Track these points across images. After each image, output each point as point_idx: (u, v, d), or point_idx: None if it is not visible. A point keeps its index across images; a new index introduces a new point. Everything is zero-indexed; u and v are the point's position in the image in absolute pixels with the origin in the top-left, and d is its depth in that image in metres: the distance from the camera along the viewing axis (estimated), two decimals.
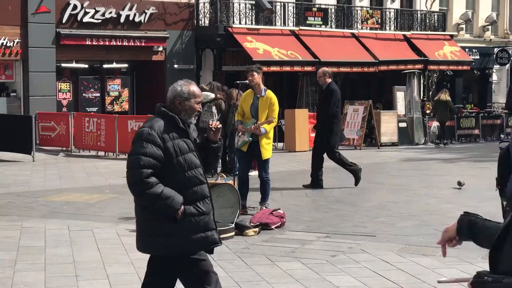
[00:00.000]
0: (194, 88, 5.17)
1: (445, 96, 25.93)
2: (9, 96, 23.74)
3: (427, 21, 32.74)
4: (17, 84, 23.71)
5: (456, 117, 28.46)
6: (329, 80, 13.62)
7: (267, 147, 10.69)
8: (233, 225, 9.16)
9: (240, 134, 10.71)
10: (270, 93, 10.78)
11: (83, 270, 7.32)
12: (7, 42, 22.80)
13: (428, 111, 28.77)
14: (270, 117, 10.60)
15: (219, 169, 15.19)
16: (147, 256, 8.00)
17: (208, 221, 5.06)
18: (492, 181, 14.98)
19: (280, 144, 23.15)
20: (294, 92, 29.38)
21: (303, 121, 22.78)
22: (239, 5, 26.68)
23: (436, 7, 34.16)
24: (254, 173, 12.73)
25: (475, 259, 7.91)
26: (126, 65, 26.45)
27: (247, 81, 10.73)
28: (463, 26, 35.82)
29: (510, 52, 36.94)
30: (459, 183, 14.05)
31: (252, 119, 10.61)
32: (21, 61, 23.38)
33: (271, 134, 10.80)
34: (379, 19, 30.99)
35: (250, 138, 10.60)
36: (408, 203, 11.97)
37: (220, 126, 5.43)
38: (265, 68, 22.82)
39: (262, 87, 10.78)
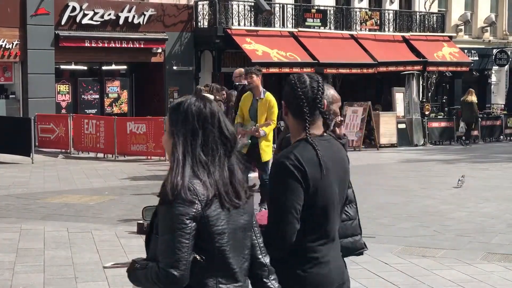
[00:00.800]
0: (334, 92, 5.11)
1: (471, 97, 26.29)
2: (8, 98, 23.73)
3: (426, 22, 32.75)
4: (16, 86, 23.70)
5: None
6: (245, 82, 13.37)
7: (266, 150, 10.68)
8: None
9: (239, 137, 10.68)
10: (269, 96, 10.74)
11: (82, 272, 7.32)
12: (6, 44, 22.80)
13: (427, 112, 28.78)
14: (269, 120, 10.57)
15: None
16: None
17: (355, 226, 4.98)
18: (491, 182, 15.02)
19: None
20: None
21: None
22: (238, 6, 26.68)
23: (435, 8, 34.17)
24: (253, 175, 12.72)
25: (474, 259, 7.91)
26: (125, 67, 26.45)
27: (246, 83, 10.71)
28: (462, 27, 35.83)
29: (509, 53, 36.95)
30: (460, 180, 14.13)
31: (251, 122, 10.59)
32: (20, 63, 23.37)
33: (270, 137, 10.79)
34: (378, 21, 31.00)
35: (249, 141, 10.58)
36: (407, 204, 11.97)
37: (342, 118, 5.32)
38: (264, 70, 22.78)
39: (261, 89, 10.74)
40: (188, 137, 2.91)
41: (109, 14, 24.53)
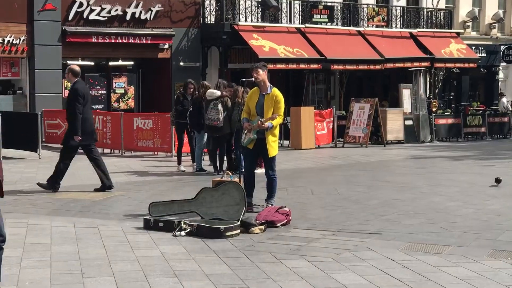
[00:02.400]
0: None
1: None
2: (15, 93, 23.79)
3: (434, 18, 32.69)
4: (23, 81, 23.76)
5: (463, 114, 28.63)
6: (75, 79, 13.12)
7: (273, 145, 10.66)
8: (239, 222, 9.16)
9: (246, 132, 10.66)
10: (275, 91, 10.72)
11: (88, 267, 7.33)
12: (13, 40, 22.84)
13: (434, 109, 28.75)
14: (275, 114, 10.54)
15: (225, 167, 15.20)
16: (152, 253, 8.01)
17: None
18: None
19: (286, 142, 23.13)
20: (300, 89, 29.38)
21: (309, 118, 22.75)
22: (245, 2, 26.67)
23: (442, 4, 34.09)
24: (260, 171, 12.71)
25: (481, 257, 7.89)
26: (132, 63, 26.47)
27: (253, 79, 10.70)
28: (470, 23, 35.75)
29: None
30: (497, 180, 13.98)
31: (257, 117, 10.56)
32: (27, 59, 23.42)
33: (277, 132, 10.77)
34: (385, 17, 30.95)
35: (256, 136, 10.56)
36: (414, 201, 11.95)
37: None
38: (271, 66, 22.81)
39: (268, 84, 10.72)
40: None
41: (116, 10, 24.56)
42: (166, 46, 25.67)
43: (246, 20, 26.51)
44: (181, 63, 25.95)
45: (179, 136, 16.89)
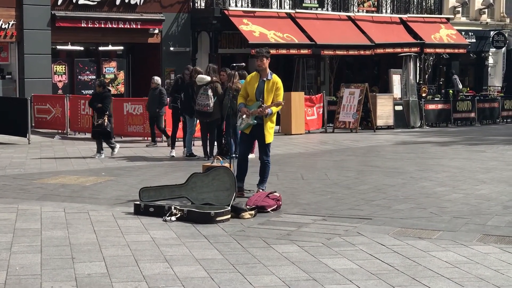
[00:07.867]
0: None
1: None
2: (4, 78, 23.68)
3: (424, 4, 32.68)
4: (12, 66, 23.64)
5: (452, 100, 28.72)
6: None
7: (271, 131, 10.74)
8: (229, 207, 9.17)
9: (244, 116, 10.66)
10: (276, 77, 10.80)
11: (79, 252, 7.33)
12: (2, 24, 22.72)
13: (424, 94, 28.79)
14: (278, 101, 10.61)
15: (215, 152, 15.20)
16: (143, 238, 8.02)
17: None
18: (487, 164, 15.05)
19: (276, 127, 23.12)
20: (290, 75, 29.35)
21: (299, 104, 22.75)
22: None
23: None
24: (251, 156, 12.72)
25: (470, 241, 7.94)
26: (121, 48, 26.37)
27: (244, 64, 10.70)
28: (460, 9, 35.74)
29: (506, 35, 36.89)
30: None
31: (256, 102, 10.59)
32: (16, 43, 23.30)
33: (274, 118, 10.84)
34: (376, 2, 30.91)
35: (255, 121, 10.60)
36: (403, 186, 11.99)
37: None
38: None
39: (268, 70, 10.81)
40: None
41: None
42: (156, 31, 25.57)
43: (236, 5, 26.44)
44: (171, 48, 25.87)
45: (174, 121, 16.86)
